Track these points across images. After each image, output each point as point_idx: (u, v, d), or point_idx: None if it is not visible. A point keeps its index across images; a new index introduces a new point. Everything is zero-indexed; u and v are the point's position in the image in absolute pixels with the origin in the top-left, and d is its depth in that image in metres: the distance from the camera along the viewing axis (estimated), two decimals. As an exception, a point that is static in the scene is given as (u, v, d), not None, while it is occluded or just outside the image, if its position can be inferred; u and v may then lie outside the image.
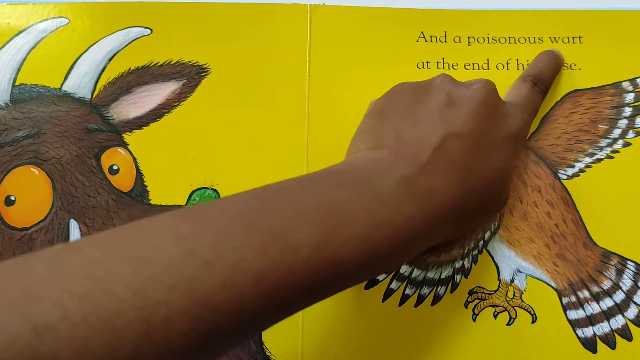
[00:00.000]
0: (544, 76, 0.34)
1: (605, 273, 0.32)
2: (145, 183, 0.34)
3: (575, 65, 0.36)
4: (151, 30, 0.37)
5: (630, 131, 0.35)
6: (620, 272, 0.32)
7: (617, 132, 0.35)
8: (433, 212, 0.24)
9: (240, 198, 0.22)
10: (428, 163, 0.25)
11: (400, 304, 0.31)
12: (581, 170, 0.34)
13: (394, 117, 0.28)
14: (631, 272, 0.32)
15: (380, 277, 0.32)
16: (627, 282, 0.31)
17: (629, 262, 0.32)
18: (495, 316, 0.31)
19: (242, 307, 0.19)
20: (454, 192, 0.25)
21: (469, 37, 0.37)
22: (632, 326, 0.30)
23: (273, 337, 0.30)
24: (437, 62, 0.37)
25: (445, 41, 0.37)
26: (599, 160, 0.34)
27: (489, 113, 0.28)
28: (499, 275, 0.32)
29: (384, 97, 0.30)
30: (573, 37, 0.37)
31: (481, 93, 0.28)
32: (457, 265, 0.32)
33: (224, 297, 0.18)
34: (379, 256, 0.23)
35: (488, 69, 0.36)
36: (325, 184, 0.23)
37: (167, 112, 0.35)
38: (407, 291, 0.31)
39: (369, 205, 0.23)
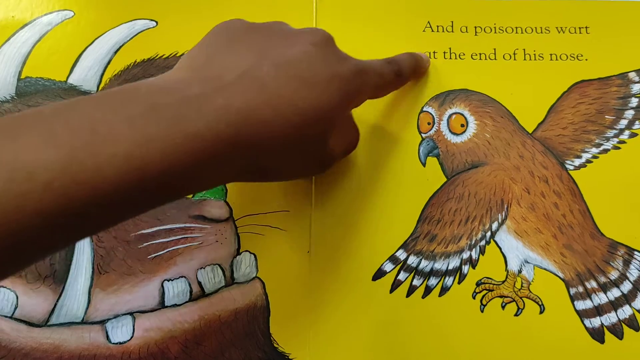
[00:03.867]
0: (402, 63, 0.32)
1: (612, 263, 0.32)
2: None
3: (581, 56, 0.36)
4: (156, 22, 0.37)
5: (637, 122, 0.35)
6: (627, 263, 0.32)
7: (623, 122, 0.35)
8: (228, 129, 0.23)
9: None
10: (230, 84, 0.23)
11: (407, 295, 0.31)
12: (588, 161, 0.34)
13: (215, 44, 0.26)
14: (638, 262, 0.32)
15: (388, 268, 0.32)
16: (634, 273, 0.31)
17: (636, 252, 0.32)
18: (503, 307, 0.31)
19: None
20: (260, 115, 0.23)
21: (475, 27, 0.37)
22: (639, 316, 0.30)
23: (281, 328, 0.31)
24: (444, 52, 0.36)
25: (452, 31, 0.37)
26: (605, 150, 0.34)
27: (318, 53, 0.26)
28: (506, 266, 0.32)
29: (215, 27, 0.28)
30: (580, 28, 0.37)
31: (313, 34, 0.27)
32: (465, 256, 0.32)
33: None
34: (154, 176, 0.21)
35: (495, 58, 0.36)
36: (88, 104, 0.21)
37: (173, 105, 0.35)
38: (415, 282, 0.31)
39: (139, 123, 0.21)
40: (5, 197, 0.18)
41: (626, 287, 0.31)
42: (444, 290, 0.31)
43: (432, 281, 0.31)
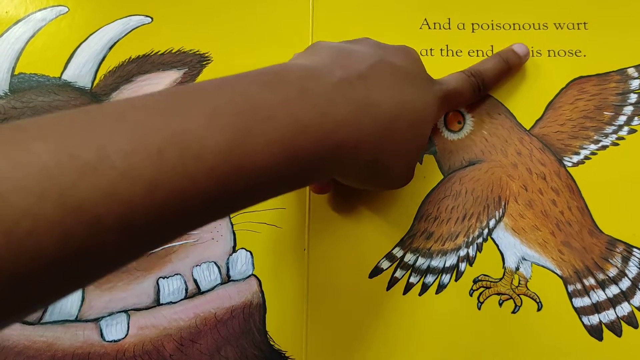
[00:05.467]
0: (486, 74, 0.33)
1: (611, 260, 0.31)
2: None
3: (580, 52, 0.36)
4: (152, 18, 0.37)
5: (636, 118, 0.34)
6: (626, 260, 0.31)
7: (622, 119, 0.34)
8: (368, 120, 0.23)
9: (145, 99, 0.19)
10: (367, 73, 0.24)
11: (404, 293, 0.31)
12: (586, 158, 0.34)
13: (332, 45, 0.27)
14: (637, 259, 0.31)
15: (385, 266, 0.31)
16: (632, 270, 0.31)
17: (634, 249, 0.32)
18: (500, 304, 0.31)
19: (130, 218, 0.17)
20: (388, 107, 0.25)
21: (472, 24, 0.37)
22: (638, 313, 0.30)
23: (277, 326, 0.30)
24: (441, 49, 0.36)
25: (449, 28, 0.37)
26: (604, 147, 0.34)
27: (415, 66, 0.28)
28: (504, 263, 0.31)
29: (314, 44, 0.29)
30: (578, 24, 0.37)
31: (406, 49, 0.29)
32: (462, 253, 0.32)
33: (106, 208, 0.16)
34: (302, 163, 0.21)
35: (492, 55, 0.36)
36: (247, 84, 0.21)
37: (169, 101, 0.35)
38: (412, 279, 0.31)
39: (294, 108, 0.21)
40: (175, 176, 0.18)
41: (625, 284, 0.31)
42: (441, 287, 0.31)
43: (429, 279, 0.31)
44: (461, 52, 0.36)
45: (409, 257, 0.32)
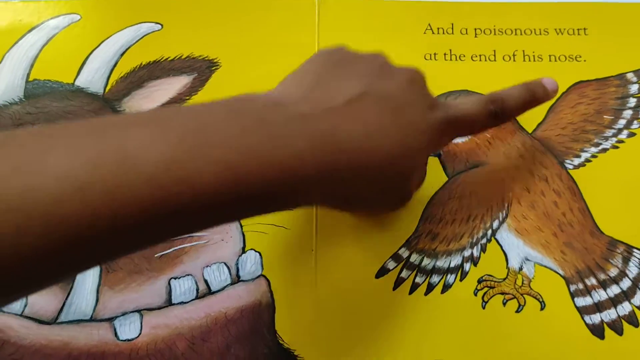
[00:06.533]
0: (507, 101, 0.30)
1: (611, 261, 0.32)
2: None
3: (580, 57, 0.37)
4: (162, 25, 0.38)
5: (635, 121, 0.35)
6: (626, 260, 0.32)
7: (622, 122, 0.35)
8: (329, 156, 0.23)
9: (98, 120, 0.21)
10: (339, 109, 0.24)
11: (410, 293, 0.32)
12: (587, 160, 0.34)
13: (322, 67, 0.27)
14: (637, 259, 0.32)
15: (391, 266, 0.32)
16: (633, 270, 0.32)
17: (635, 249, 0.32)
18: (504, 304, 0.31)
19: (64, 216, 0.18)
20: (358, 145, 0.24)
21: (475, 29, 0.38)
22: (638, 312, 0.31)
23: (286, 325, 0.31)
24: (445, 54, 0.37)
25: (452, 33, 0.38)
26: (604, 150, 0.35)
27: (411, 90, 0.27)
28: (507, 263, 0.32)
29: (318, 51, 0.29)
30: (578, 29, 0.37)
31: (408, 72, 0.27)
32: (466, 253, 0.32)
33: (28, 213, 0.17)
34: (256, 189, 0.22)
35: (494, 60, 0.37)
36: (208, 112, 0.22)
37: (179, 106, 0.36)
38: (417, 280, 0.32)
39: (249, 137, 0.21)
40: (112, 182, 0.18)
41: (625, 284, 0.32)
42: (446, 287, 0.32)
43: (435, 279, 0.32)
44: (464, 56, 0.37)
45: (415, 258, 0.32)
